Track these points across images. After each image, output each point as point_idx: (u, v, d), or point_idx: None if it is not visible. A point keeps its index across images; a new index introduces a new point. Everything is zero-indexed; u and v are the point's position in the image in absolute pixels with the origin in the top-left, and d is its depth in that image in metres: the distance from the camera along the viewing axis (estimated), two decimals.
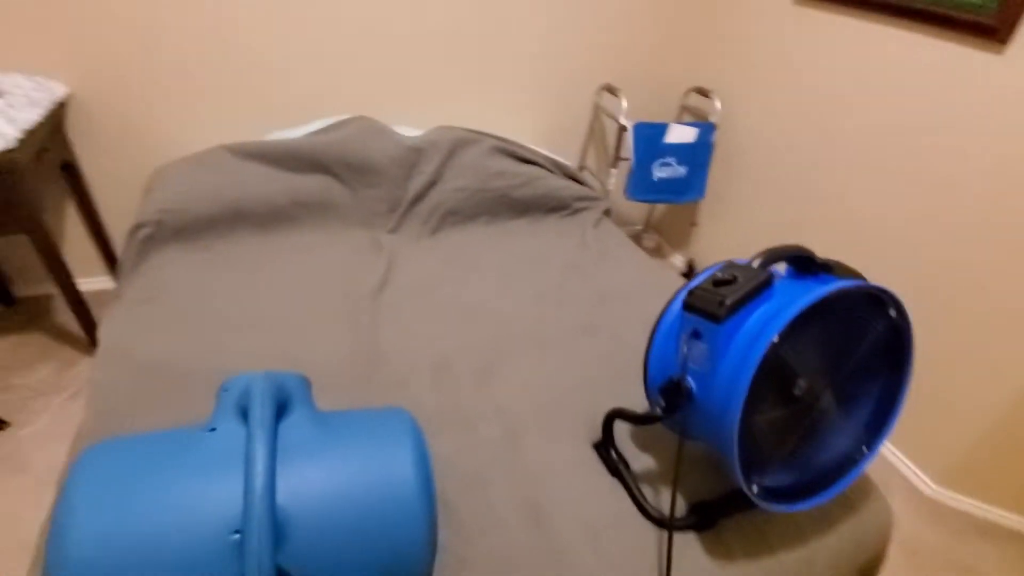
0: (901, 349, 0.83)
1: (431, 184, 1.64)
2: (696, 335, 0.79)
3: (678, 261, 2.63)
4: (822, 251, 1.77)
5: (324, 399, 1.02)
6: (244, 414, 0.58)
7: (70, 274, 1.59)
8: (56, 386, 1.64)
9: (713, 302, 0.75)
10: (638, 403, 0.95)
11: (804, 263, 0.85)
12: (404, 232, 1.60)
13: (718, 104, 2.16)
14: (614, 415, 0.94)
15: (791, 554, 0.87)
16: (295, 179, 1.56)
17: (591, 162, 2.46)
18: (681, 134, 2.10)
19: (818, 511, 0.93)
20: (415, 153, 1.64)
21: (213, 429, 0.58)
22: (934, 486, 1.60)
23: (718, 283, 0.78)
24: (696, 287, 0.79)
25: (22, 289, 1.99)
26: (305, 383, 0.69)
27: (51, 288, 1.95)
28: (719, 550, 0.86)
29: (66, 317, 1.90)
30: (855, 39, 1.63)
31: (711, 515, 0.89)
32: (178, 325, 1.18)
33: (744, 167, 2.15)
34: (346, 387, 1.06)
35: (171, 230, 1.41)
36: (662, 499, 0.92)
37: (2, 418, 1.51)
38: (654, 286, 1.45)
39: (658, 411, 0.84)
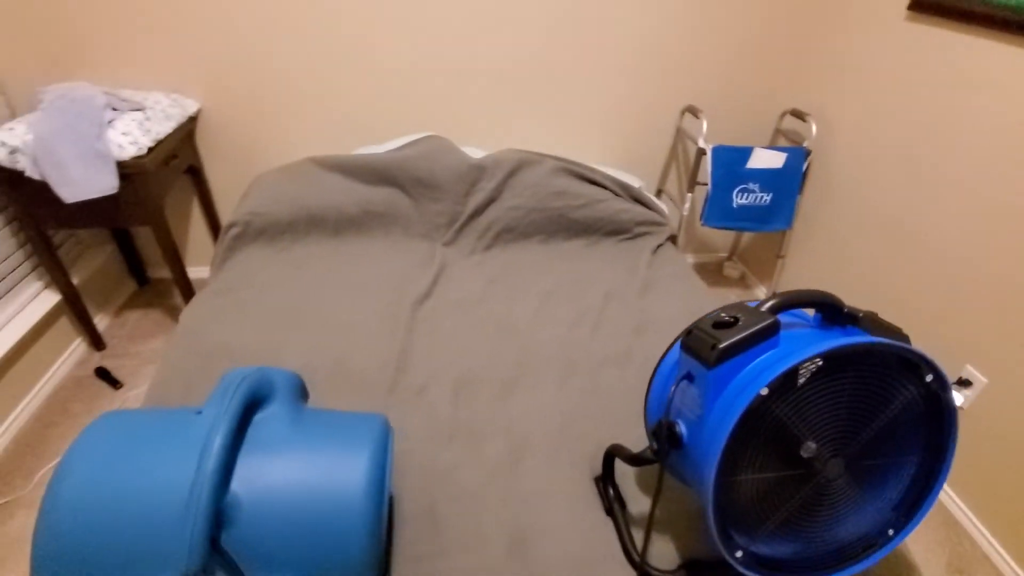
0: (940, 423, 0.72)
1: (489, 201, 1.68)
2: (690, 378, 0.74)
3: (762, 293, 2.44)
4: (917, 298, 1.58)
5: (346, 397, 1.10)
6: None
7: (183, 262, 1.85)
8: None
9: (706, 345, 0.70)
10: None
11: (831, 312, 0.76)
12: (459, 246, 1.66)
13: (814, 128, 1.99)
14: (613, 451, 0.91)
15: None
16: (367, 191, 1.69)
17: (671, 186, 2.38)
18: (766, 159, 1.96)
19: None
20: (477, 171, 1.70)
21: (199, 412, 0.66)
22: (1020, 571, 1.34)
23: (718, 325, 0.73)
24: (695, 327, 0.75)
25: (155, 272, 2.35)
26: (294, 382, 0.75)
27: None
28: None
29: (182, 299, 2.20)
30: (976, 60, 1.43)
31: (701, 574, 0.82)
32: (246, 316, 1.33)
33: (840, 197, 1.95)
34: (369, 388, 1.13)
35: (256, 231, 1.59)
36: (654, 547, 0.87)
37: (117, 379, 1.79)
38: (700, 314, 1.36)
39: (648, 453, 0.80)
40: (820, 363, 0.66)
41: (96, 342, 1.93)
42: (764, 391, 0.64)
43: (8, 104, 1.77)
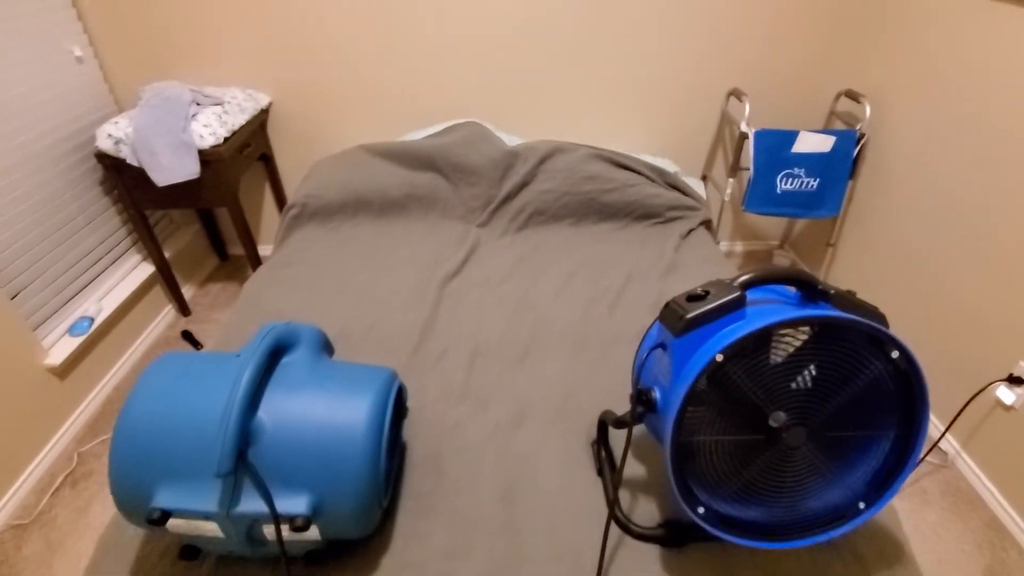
0: (912, 400, 0.73)
1: (523, 185, 1.77)
2: (663, 347, 0.80)
3: None
4: (973, 290, 1.50)
5: (374, 357, 1.24)
6: None
7: (254, 240, 2.08)
8: None
9: (675, 316, 0.76)
10: None
11: (807, 288, 0.79)
12: (492, 228, 1.75)
13: (868, 110, 1.90)
14: (604, 417, 0.98)
15: None
16: (410, 175, 1.82)
17: (716, 172, 2.35)
18: (813, 143, 1.90)
19: (813, 564, 0.85)
20: (512, 156, 1.79)
21: (239, 355, 0.80)
22: None
23: (691, 298, 0.78)
24: (672, 300, 0.80)
25: (233, 249, 2.63)
26: (318, 336, 0.88)
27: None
28: (676, 569, 0.85)
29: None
30: None
31: (681, 534, 0.88)
32: (297, 287, 1.50)
33: (895, 184, 1.86)
34: (394, 352, 1.26)
35: (311, 212, 1.77)
36: (638, 506, 0.93)
37: (199, 340, 2.06)
38: None
39: (627, 416, 0.86)
40: (791, 336, 0.70)
41: (183, 309, 2.21)
42: (719, 357, 0.69)
43: (116, 101, 2.06)
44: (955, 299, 1.60)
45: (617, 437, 1.04)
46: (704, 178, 2.35)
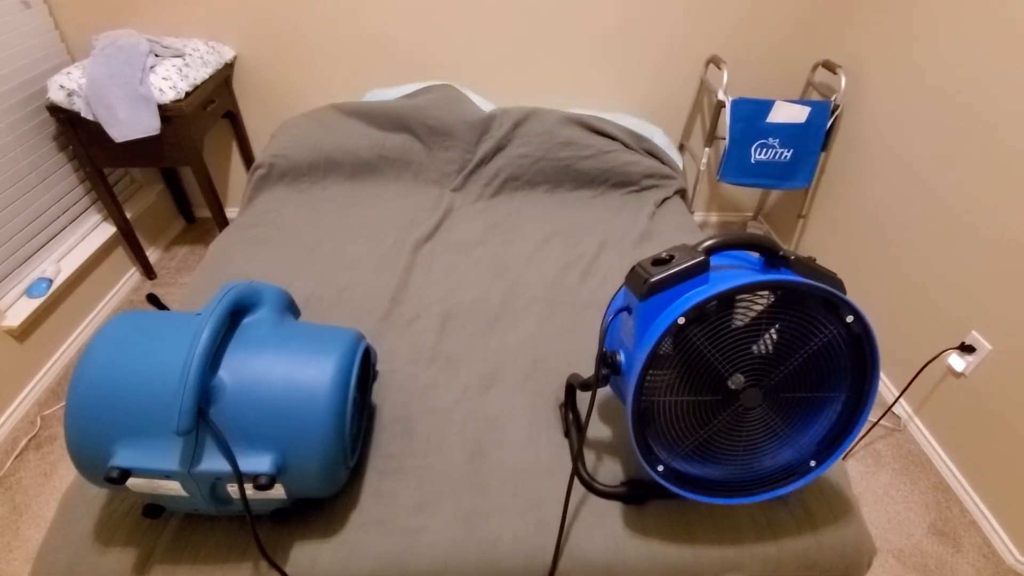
0: (863, 364, 0.76)
1: (498, 149, 1.74)
2: (628, 310, 0.81)
3: None
4: (932, 259, 1.54)
5: (345, 322, 1.23)
6: None
7: (220, 201, 2.02)
8: None
9: (639, 279, 0.76)
10: None
11: (768, 254, 0.80)
12: (466, 192, 1.73)
13: (843, 81, 1.91)
14: (571, 380, 0.99)
15: (712, 550, 0.86)
16: (383, 136, 1.77)
17: (694, 141, 2.34)
18: (788, 113, 1.91)
19: (766, 520, 0.90)
20: (488, 119, 1.75)
21: (199, 314, 0.78)
22: (1018, 555, 1.35)
23: (656, 262, 0.78)
24: (637, 264, 0.81)
25: (200, 212, 2.55)
26: (281, 296, 0.87)
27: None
28: (636, 523, 0.88)
29: None
30: None
31: (641, 492, 0.91)
32: (265, 249, 1.46)
33: (868, 155, 1.89)
34: (366, 316, 1.25)
35: (280, 172, 1.72)
36: (602, 466, 0.96)
37: (165, 305, 2.00)
38: None
39: (592, 379, 0.88)
40: (752, 300, 0.71)
41: (148, 272, 2.15)
42: (681, 320, 0.70)
43: (68, 51, 1.94)
44: (914, 270, 1.65)
45: (584, 399, 1.06)
46: (681, 147, 2.35)
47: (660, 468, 0.79)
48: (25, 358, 1.64)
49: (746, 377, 0.75)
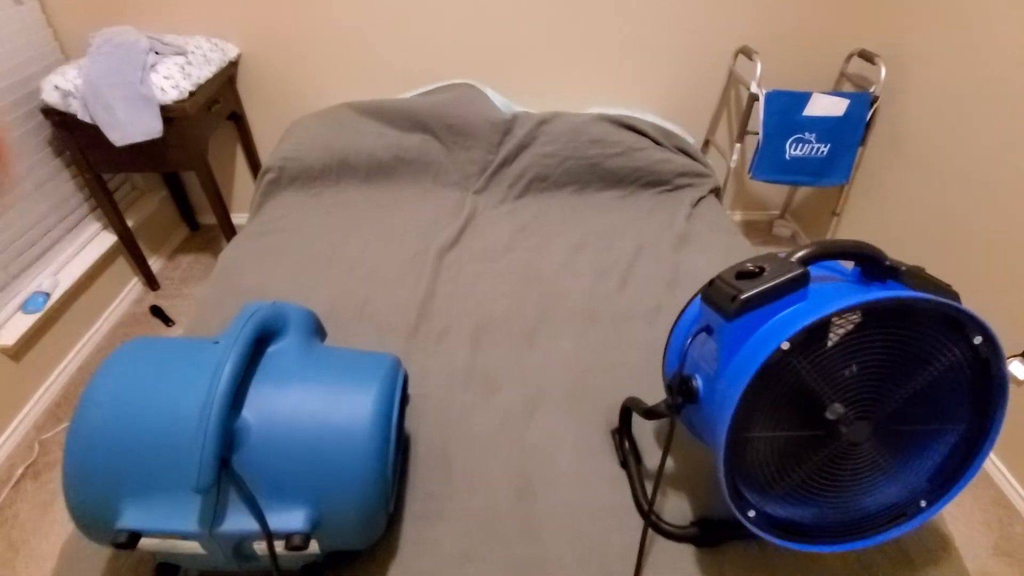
0: (988, 390, 0.65)
1: (521, 148, 1.63)
2: (708, 330, 0.70)
3: None
4: (987, 261, 1.44)
5: (368, 339, 1.12)
6: None
7: (226, 207, 1.91)
8: None
9: (726, 296, 0.66)
10: None
11: (871, 265, 0.70)
12: (489, 194, 1.63)
13: (883, 71, 1.80)
14: (629, 404, 0.89)
15: None
16: (399, 137, 1.67)
17: (721, 137, 2.24)
18: (826, 106, 1.81)
19: (859, 563, 0.79)
20: (511, 119, 1.65)
21: (217, 342, 0.68)
22: None
23: (741, 275, 0.68)
24: (718, 277, 0.70)
25: (204, 219, 2.44)
26: (308, 318, 0.77)
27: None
28: (712, 570, 0.78)
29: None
30: None
31: (714, 533, 0.81)
32: (278, 259, 1.36)
33: (909, 150, 1.78)
34: (390, 332, 1.14)
35: (290, 176, 1.61)
36: (667, 501, 0.86)
37: (170, 317, 1.90)
38: None
39: (662, 407, 0.77)
40: (850, 318, 0.61)
41: (151, 282, 2.04)
42: (785, 345, 0.60)
43: (62, 49, 1.83)
44: (966, 272, 1.55)
45: (640, 425, 0.96)
46: (706, 143, 2.24)
47: (752, 513, 0.68)
48: (21, 378, 1.54)
49: (851, 408, 0.65)
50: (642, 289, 1.28)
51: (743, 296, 0.64)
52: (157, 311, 1.92)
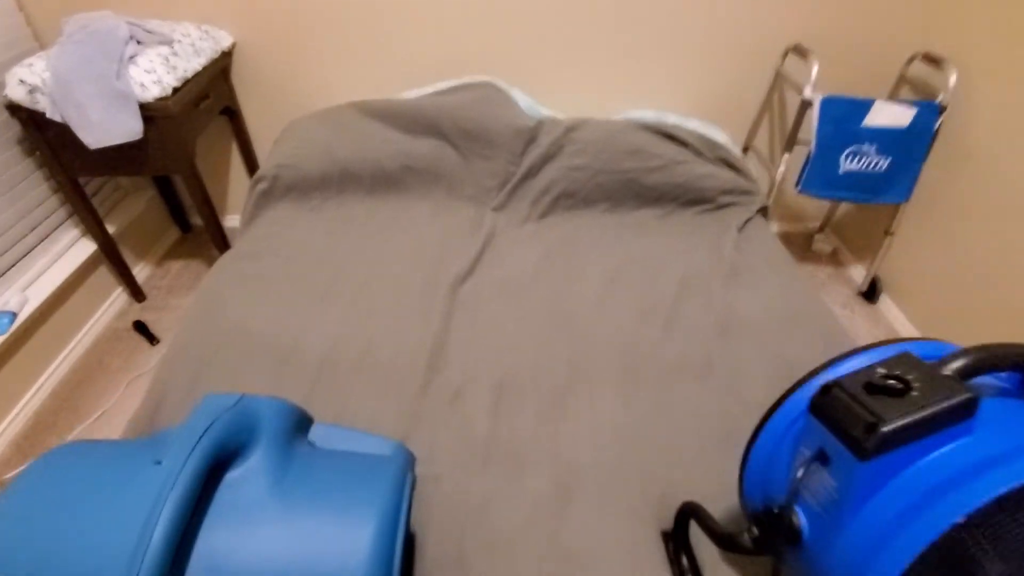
0: None
1: (547, 158, 1.44)
2: (823, 458, 0.52)
3: (857, 275, 2.10)
4: None
5: (371, 396, 0.95)
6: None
7: (216, 212, 1.73)
8: None
9: (858, 422, 0.48)
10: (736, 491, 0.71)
11: None
12: (510, 212, 1.44)
13: (953, 78, 1.59)
14: (691, 512, 0.71)
15: None
16: (409, 142, 1.48)
17: (761, 143, 2.03)
18: (890, 115, 1.60)
19: None
20: (535, 124, 1.45)
21: (159, 462, 0.51)
22: None
23: (875, 388, 0.50)
24: (837, 385, 0.52)
25: (197, 219, 2.26)
26: (286, 416, 0.59)
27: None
28: None
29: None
30: None
31: None
32: (267, 288, 1.18)
33: (976, 167, 1.58)
34: (396, 387, 0.97)
35: (285, 186, 1.43)
36: None
37: (155, 334, 1.74)
38: (803, 322, 1.12)
39: (746, 539, 0.60)
40: None
41: (136, 293, 1.88)
42: (960, 519, 0.42)
43: (36, 36, 1.65)
44: None
45: (700, 533, 0.78)
46: (746, 149, 2.03)
47: None
48: None
49: None
50: (690, 336, 1.09)
51: (886, 429, 0.46)
52: (141, 327, 1.76)
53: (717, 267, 1.26)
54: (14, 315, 1.43)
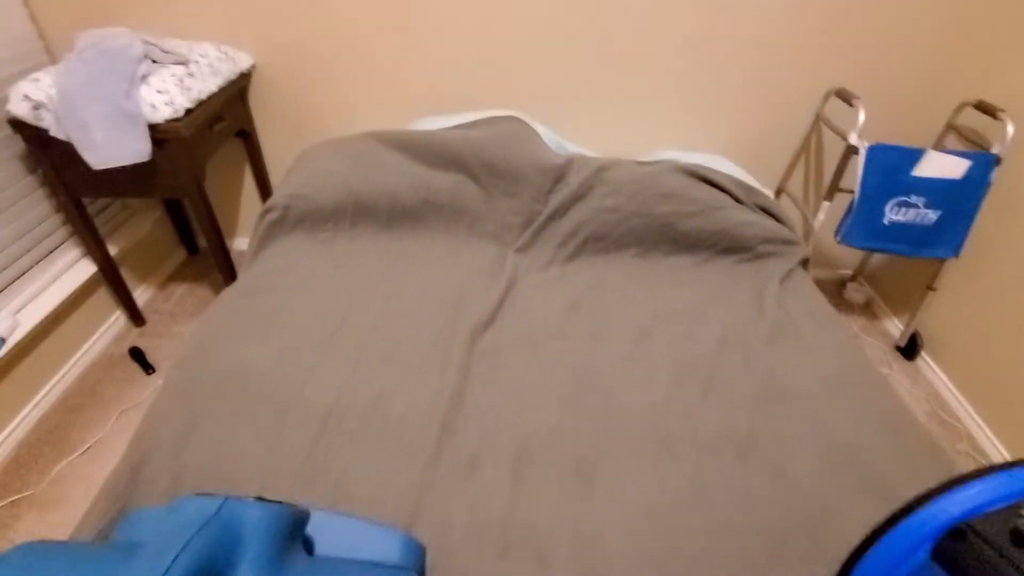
0: None
1: (576, 198, 1.35)
2: None
3: (894, 328, 1.98)
4: None
5: (379, 457, 0.85)
6: None
7: (223, 238, 1.66)
8: None
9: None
10: None
11: None
12: (534, 254, 1.35)
13: (1011, 129, 1.49)
14: None
15: None
16: (429, 175, 1.40)
17: (795, 187, 1.94)
18: (942, 166, 1.50)
19: None
20: (566, 163, 1.37)
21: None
22: None
23: (1018, 537, 0.39)
24: (971, 529, 0.41)
25: (205, 241, 2.19)
26: (277, 524, 0.48)
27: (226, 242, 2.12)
28: None
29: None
30: None
31: None
32: (271, 327, 1.09)
33: None
34: (407, 450, 0.87)
35: (296, 217, 1.35)
36: None
37: (151, 363, 1.65)
38: (854, 390, 1.01)
39: None
40: None
41: (135, 317, 1.79)
42: None
43: (48, 50, 1.60)
44: None
45: None
46: (779, 192, 1.94)
47: None
48: None
49: None
50: (730, 403, 0.98)
51: None
52: (137, 354, 1.67)
53: (759, 324, 1.15)
54: (2, 340, 1.34)
